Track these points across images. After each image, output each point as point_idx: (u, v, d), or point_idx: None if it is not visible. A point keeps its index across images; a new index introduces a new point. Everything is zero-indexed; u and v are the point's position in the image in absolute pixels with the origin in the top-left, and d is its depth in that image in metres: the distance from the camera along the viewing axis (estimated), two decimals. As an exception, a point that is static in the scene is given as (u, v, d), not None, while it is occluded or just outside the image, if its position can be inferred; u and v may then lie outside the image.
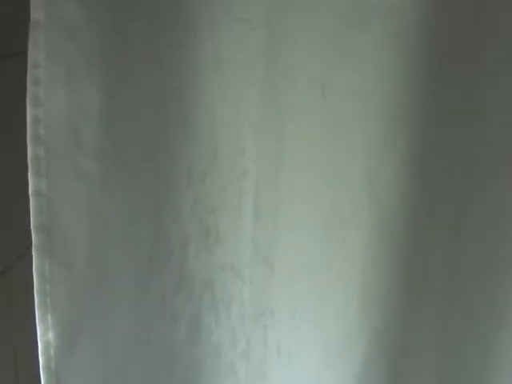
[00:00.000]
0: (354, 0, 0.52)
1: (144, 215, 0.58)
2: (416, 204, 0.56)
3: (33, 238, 0.54)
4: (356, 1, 0.52)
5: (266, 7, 0.54)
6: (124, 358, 0.60)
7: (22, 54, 0.52)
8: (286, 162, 0.57)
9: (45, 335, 0.56)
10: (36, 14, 0.50)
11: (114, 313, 0.58)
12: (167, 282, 0.60)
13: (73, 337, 0.56)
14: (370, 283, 0.57)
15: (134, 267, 0.58)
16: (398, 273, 0.57)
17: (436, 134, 0.55)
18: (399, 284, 0.58)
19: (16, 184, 0.57)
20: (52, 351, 0.56)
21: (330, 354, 0.60)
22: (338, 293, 0.58)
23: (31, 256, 0.55)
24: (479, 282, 0.61)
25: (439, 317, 0.61)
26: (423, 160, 0.55)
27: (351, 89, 0.54)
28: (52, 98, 0.52)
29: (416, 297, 0.59)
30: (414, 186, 0.55)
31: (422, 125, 0.54)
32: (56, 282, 0.55)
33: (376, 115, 0.54)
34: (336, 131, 0.55)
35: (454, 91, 0.54)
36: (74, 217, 0.54)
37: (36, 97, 0.52)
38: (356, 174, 0.55)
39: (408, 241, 0.57)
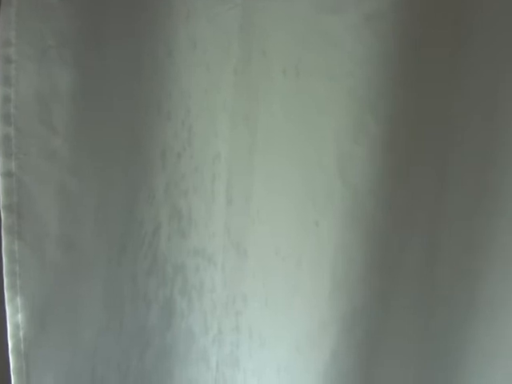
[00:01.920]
0: None
1: (117, 197, 0.57)
2: (389, 190, 0.55)
3: (2, 218, 0.54)
4: None
5: None
6: (95, 341, 0.59)
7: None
8: (260, 146, 0.57)
9: (14, 317, 0.55)
10: (7, -8, 0.50)
11: (84, 295, 0.58)
12: (139, 265, 0.59)
13: (42, 319, 0.56)
14: (341, 270, 0.57)
15: (105, 249, 0.58)
16: (369, 260, 0.57)
17: (409, 119, 0.54)
18: (371, 272, 0.57)
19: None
20: (21, 333, 0.55)
21: (301, 341, 0.60)
22: (310, 280, 0.58)
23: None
24: (456, 271, 0.61)
25: (412, 305, 0.61)
26: (396, 146, 0.54)
27: (325, 72, 0.53)
28: (23, 77, 0.52)
29: (388, 285, 0.59)
30: (386, 172, 0.55)
31: (395, 110, 0.53)
32: (26, 264, 0.54)
33: (349, 99, 0.53)
34: (310, 115, 0.55)
35: (428, 76, 0.54)
36: (44, 197, 0.54)
37: (6, 75, 0.51)
38: (329, 158, 0.55)
39: (381, 227, 0.56)
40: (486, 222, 0.59)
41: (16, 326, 0.55)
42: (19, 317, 0.55)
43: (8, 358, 0.56)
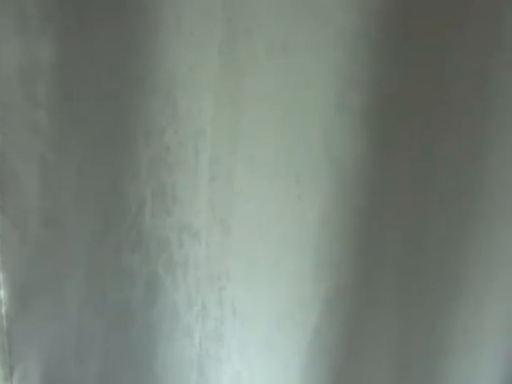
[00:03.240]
0: None
1: (100, 172, 0.57)
2: (373, 166, 0.55)
3: (-16, 193, 0.53)
4: None
5: None
6: (79, 317, 0.59)
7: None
8: (244, 123, 0.57)
9: None
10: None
11: (67, 271, 0.57)
12: (123, 240, 0.59)
13: (25, 295, 0.56)
14: (324, 246, 0.57)
15: (88, 225, 0.57)
16: (353, 237, 0.57)
17: (394, 96, 0.54)
18: (354, 249, 0.58)
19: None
20: (3, 309, 0.55)
21: (283, 318, 0.60)
22: (292, 256, 0.58)
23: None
24: (441, 252, 0.61)
25: (395, 284, 0.61)
26: (380, 122, 0.55)
27: (311, 48, 0.53)
28: (5, 50, 0.51)
29: (371, 263, 0.59)
30: (371, 148, 0.55)
31: (381, 86, 0.53)
32: (8, 239, 0.54)
33: (334, 74, 0.53)
34: (294, 91, 0.55)
35: (414, 53, 0.54)
36: (26, 173, 0.53)
37: None
38: (314, 133, 0.55)
39: (364, 203, 0.56)
40: (471, 203, 0.59)
41: None
42: (1, 293, 0.55)
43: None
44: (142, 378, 0.64)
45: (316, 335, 0.60)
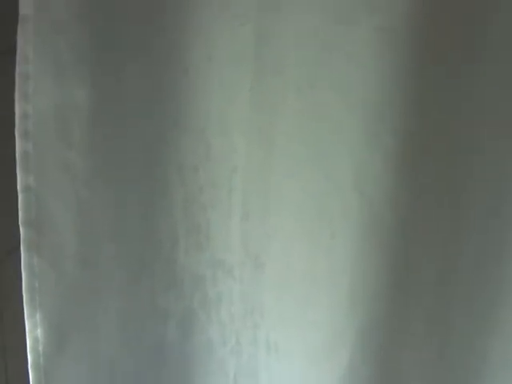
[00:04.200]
0: None
1: (133, 212, 0.57)
2: (405, 202, 0.55)
3: (21, 233, 0.54)
4: None
5: (254, 3, 0.54)
6: (113, 354, 0.60)
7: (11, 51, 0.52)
8: (275, 161, 0.57)
9: (33, 332, 0.56)
10: (25, 8, 0.50)
11: (103, 310, 0.58)
12: (157, 279, 0.60)
13: (61, 334, 0.56)
14: (356, 284, 0.57)
15: (123, 264, 0.58)
16: (386, 271, 0.57)
17: (424, 131, 0.54)
18: (387, 284, 0.57)
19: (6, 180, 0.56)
20: (40, 348, 0.56)
21: (316, 353, 0.60)
22: (325, 294, 0.58)
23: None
24: (474, 283, 0.60)
25: (429, 318, 0.61)
26: (411, 157, 0.54)
27: (339, 85, 0.53)
28: (41, 94, 0.52)
29: (405, 296, 0.59)
30: (402, 183, 0.54)
31: (409, 121, 0.53)
32: (44, 279, 0.55)
33: (363, 111, 0.53)
34: (324, 128, 0.55)
35: (441, 87, 0.54)
36: (62, 213, 0.54)
37: (25, 92, 0.52)
38: (344, 170, 0.55)
39: (397, 239, 0.56)
40: (503, 232, 0.59)
41: (35, 341, 0.56)
42: (38, 331, 0.56)
43: (27, 371, 0.57)
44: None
45: (350, 369, 0.59)
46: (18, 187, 0.53)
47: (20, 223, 0.54)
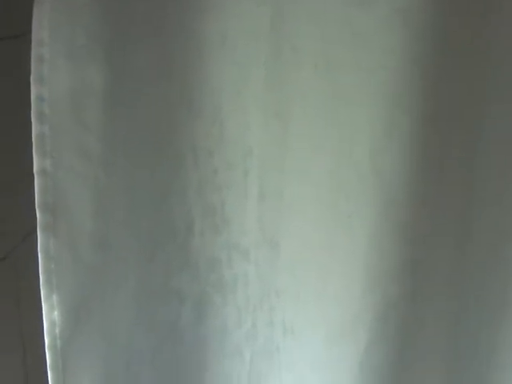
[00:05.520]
0: None
1: (149, 194, 0.57)
2: (421, 183, 0.55)
3: (37, 216, 0.54)
4: None
5: None
6: (128, 336, 0.60)
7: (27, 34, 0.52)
8: (291, 141, 0.57)
9: (50, 314, 0.56)
10: (39, -10, 0.50)
11: (118, 292, 0.58)
12: (172, 261, 0.60)
13: (77, 316, 0.56)
14: (374, 263, 0.57)
15: (138, 246, 0.58)
16: (402, 253, 0.57)
17: (440, 113, 0.54)
18: (404, 264, 0.57)
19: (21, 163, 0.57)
20: (57, 330, 0.56)
21: (334, 334, 0.60)
22: (342, 273, 0.58)
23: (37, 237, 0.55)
24: (489, 266, 0.60)
25: (445, 299, 0.61)
26: (428, 139, 0.54)
27: (356, 66, 0.53)
28: (56, 76, 0.52)
29: (421, 278, 0.59)
30: (418, 166, 0.55)
31: (426, 103, 0.53)
32: (61, 261, 0.55)
33: (380, 92, 0.53)
34: (341, 109, 0.55)
35: (460, 70, 0.54)
36: (78, 196, 0.54)
37: (40, 75, 0.52)
38: (361, 151, 0.55)
39: (413, 220, 0.56)
40: None
41: (52, 323, 0.56)
42: (55, 314, 0.56)
43: (45, 354, 0.57)
44: (192, 397, 0.64)
45: (367, 352, 0.59)
46: (35, 170, 0.53)
47: (36, 207, 0.54)
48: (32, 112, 0.52)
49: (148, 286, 0.60)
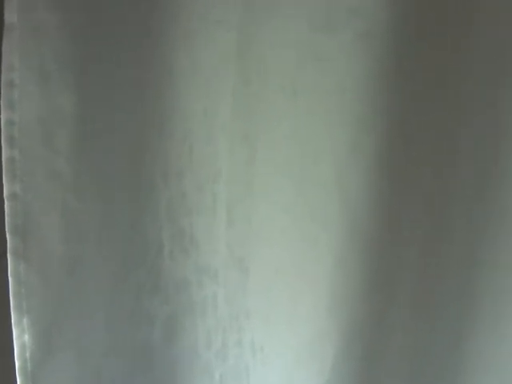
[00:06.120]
0: (321, 3, 0.52)
1: (119, 217, 0.58)
2: (386, 205, 0.56)
3: (8, 240, 0.54)
4: (324, 4, 0.52)
5: (237, 10, 0.55)
6: (100, 359, 0.60)
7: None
8: (259, 165, 0.58)
9: (20, 338, 0.56)
10: (9, 16, 0.50)
11: (89, 315, 0.58)
12: (143, 283, 0.60)
13: (48, 339, 0.56)
14: (339, 282, 0.58)
15: (108, 269, 0.58)
16: (368, 274, 0.58)
17: (405, 134, 0.55)
18: (369, 286, 0.58)
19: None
20: (28, 354, 0.56)
21: (304, 354, 0.61)
22: (309, 294, 0.59)
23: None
24: (456, 286, 0.61)
25: (412, 320, 0.62)
26: (392, 160, 0.56)
27: (321, 89, 0.54)
28: (26, 101, 0.52)
29: (387, 299, 0.60)
30: (383, 187, 0.56)
31: (391, 125, 0.54)
32: (31, 285, 0.55)
33: (345, 114, 0.54)
34: (305, 133, 0.56)
35: (422, 92, 0.55)
36: (48, 220, 0.54)
37: (10, 99, 0.52)
38: (326, 174, 0.56)
39: (379, 242, 0.57)
40: (486, 237, 0.59)
41: (23, 347, 0.56)
42: (26, 337, 0.56)
43: (15, 378, 0.57)
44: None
45: (334, 370, 0.60)
46: (5, 194, 0.53)
47: (7, 230, 0.54)
48: (2, 136, 0.53)
49: (119, 309, 0.60)
